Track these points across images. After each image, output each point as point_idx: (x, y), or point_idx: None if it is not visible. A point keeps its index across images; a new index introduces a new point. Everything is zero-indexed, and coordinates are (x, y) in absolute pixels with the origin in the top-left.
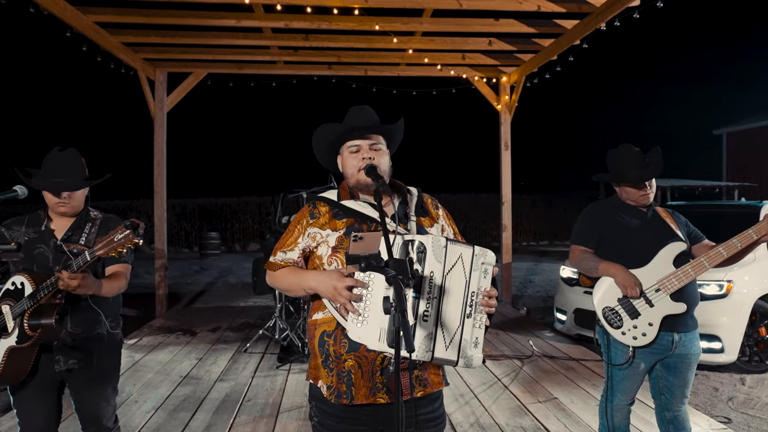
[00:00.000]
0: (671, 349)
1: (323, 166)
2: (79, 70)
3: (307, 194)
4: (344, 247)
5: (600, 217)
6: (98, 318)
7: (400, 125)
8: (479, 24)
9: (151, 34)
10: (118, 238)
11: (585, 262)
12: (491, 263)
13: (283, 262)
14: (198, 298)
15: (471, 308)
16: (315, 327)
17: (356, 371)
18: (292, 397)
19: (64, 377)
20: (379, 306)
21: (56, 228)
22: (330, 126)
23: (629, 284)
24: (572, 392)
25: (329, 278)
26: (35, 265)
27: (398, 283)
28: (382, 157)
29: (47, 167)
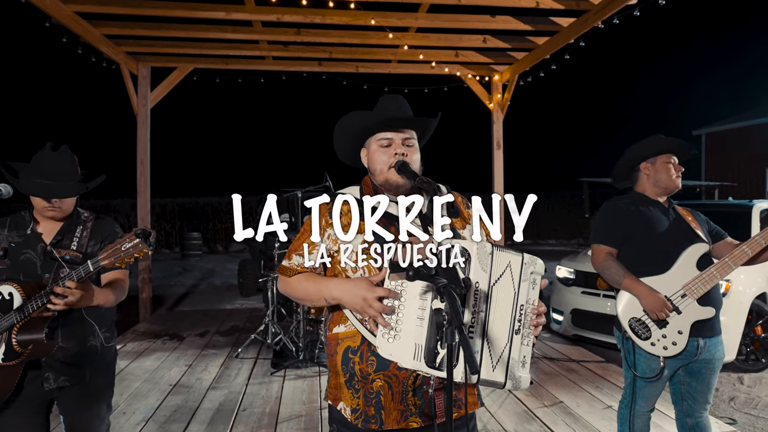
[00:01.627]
0: (696, 355)
1: (340, 158)
2: (58, 62)
3: (302, 193)
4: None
5: (625, 214)
6: (92, 329)
7: (436, 121)
8: (475, 20)
9: (135, 26)
10: (126, 247)
11: (609, 272)
12: (540, 273)
13: (299, 267)
14: (182, 301)
15: (520, 323)
16: (337, 342)
17: (386, 392)
18: (290, 405)
19: (53, 395)
20: (413, 319)
21: (44, 231)
22: (363, 114)
23: (656, 308)
24: (577, 395)
25: (357, 287)
26: (21, 273)
27: (451, 293)
28: (414, 154)
29: (37, 167)
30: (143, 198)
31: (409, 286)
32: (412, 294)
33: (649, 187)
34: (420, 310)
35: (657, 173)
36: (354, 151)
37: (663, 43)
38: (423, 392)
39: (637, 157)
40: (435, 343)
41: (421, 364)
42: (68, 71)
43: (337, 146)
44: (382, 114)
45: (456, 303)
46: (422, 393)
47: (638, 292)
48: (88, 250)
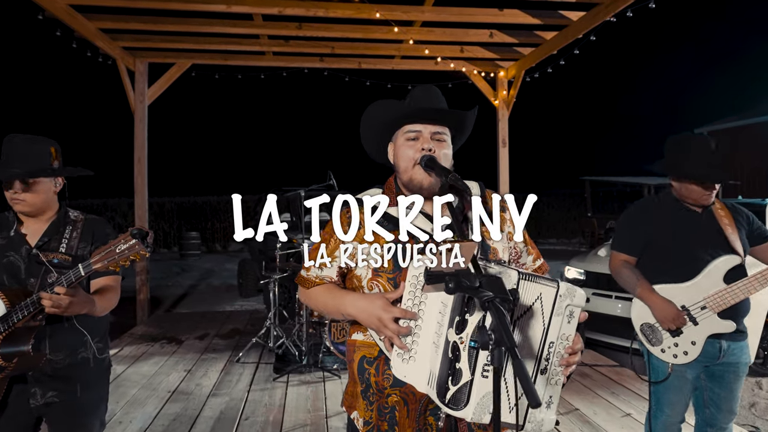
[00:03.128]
0: (718, 358)
1: (369, 155)
2: (52, 57)
3: (305, 192)
4: (386, 270)
5: (647, 220)
6: (83, 339)
7: (472, 116)
8: (482, 14)
9: (132, 20)
10: (121, 248)
11: (623, 279)
12: (579, 306)
13: (318, 279)
14: (181, 302)
15: (547, 362)
16: (354, 349)
17: (401, 408)
18: (295, 413)
19: (41, 412)
20: (429, 343)
21: (28, 233)
22: (389, 103)
23: (668, 320)
24: (593, 402)
25: (372, 306)
26: (5, 276)
27: (499, 308)
28: (444, 150)
29: (3, 155)
30: (141, 197)
31: (427, 307)
32: (430, 316)
33: (679, 194)
34: (435, 335)
35: (682, 189)
36: (381, 146)
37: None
38: (439, 413)
39: (665, 167)
40: (446, 377)
41: (434, 393)
42: (63, 67)
43: (364, 140)
44: (410, 105)
45: (505, 320)
46: (439, 415)
47: (651, 303)
48: (78, 252)
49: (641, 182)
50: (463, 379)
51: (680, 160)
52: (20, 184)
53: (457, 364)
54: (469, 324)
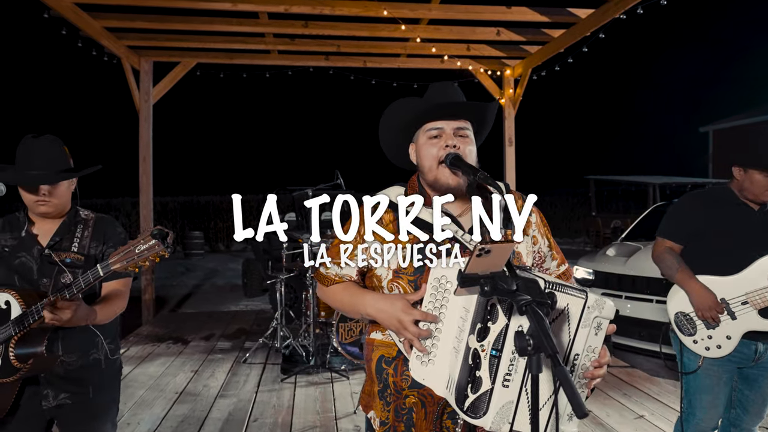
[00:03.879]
0: (754, 360)
1: (389, 158)
2: (58, 56)
3: (312, 192)
4: (408, 272)
5: (697, 211)
6: (95, 340)
7: (494, 108)
8: (489, 11)
9: (137, 18)
10: (141, 249)
11: (664, 265)
12: (608, 317)
13: (337, 277)
14: (185, 302)
15: (571, 374)
16: (372, 348)
17: (419, 410)
18: (303, 415)
19: (52, 414)
20: (449, 347)
21: (39, 233)
22: (406, 101)
23: (704, 308)
24: (605, 404)
25: (393, 308)
26: (17, 278)
27: (537, 312)
28: (468, 146)
29: (20, 159)
30: (146, 197)
31: (448, 311)
32: (451, 320)
33: (738, 188)
34: (456, 340)
35: (745, 182)
36: (402, 148)
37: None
38: (457, 418)
39: (735, 157)
40: (466, 383)
41: (452, 398)
42: (68, 66)
43: (384, 142)
44: (427, 102)
45: (544, 324)
46: (457, 419)
47: (689, 288)
48: (91, 252)
49: (646, 181)
50: (483, 388)
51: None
52: (47, 186)
53: (477, 372)
54: (491, 332)
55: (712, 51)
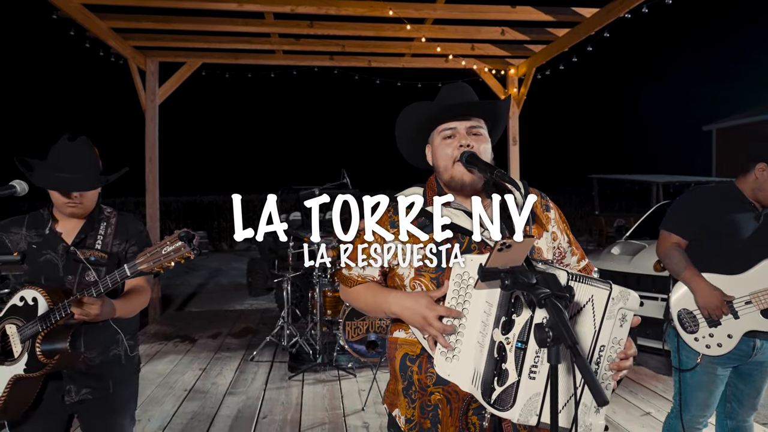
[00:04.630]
0: (751, 356)
1: (408, 160)
2: (65, 56)
3: (319, 191)
4: (429, 270)
5: (708, 206)
6: (116, 337)
7: (506, 104)
8: (494, 11)
9: (143, 19)
10: (167, 250)
11: (671, 261)
12: (633, 309)
13: (359, 277)
14: (191, 301)
15: (597, 365)
16: (396, 347)
17: (444, 407)
18: (312, 412)
19: (74, 409)
20: (474, 342)
21: (63, 230)
22: (418, 105)
23: (711, 307)
24: (613, 401)
25: (417, 305)
26: (42, 276)
27: (556, 305)
28: (483, 144)
29: (54, 160)
30: (152, 196)
31: (472, 306)
32: (475, 314)
33: (750, 188)
34: (480, 334)
35: (764, 183)
36: (419, 150)
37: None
38: (483, 412)
39: (765, 153)
40: (492, 377)
41: (478, 393)
42: (76, 66)
43: (401, 146)
44: (439, 104)
45: (563, 316)
46: (483, 414)
47: (695, 286)
48: (113, 249)
49: (649, 180)
50: (509, 380)
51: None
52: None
53: (503, 365)
54: (516, 324)
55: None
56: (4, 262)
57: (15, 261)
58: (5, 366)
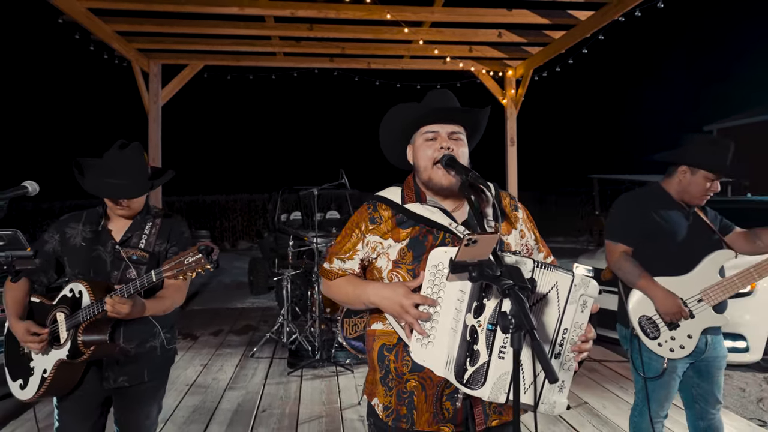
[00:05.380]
0: (704, 352)
1: (388, 158)
2: (71, 59)
3: (318, 191)
4: (406, 262)
5: (638, 211)
6: (154, 330)
7: (486, 113)
8: (491, 14)
9: (147, 22)
10: (189, 261)
11: (624, 272)
12: (592, 296)
13: (341, 270)
14: (193, 299)
15: (561, 347)
16: (374, 338)
17: (419, 393)
18: (310, 406)
19: (110, 394)
20: (447, 328)
21: (114, 228)
22: (406, 106)
23: (672, 312)
24: (602, 396)
25: (394, 294)
26: (92, 269)
27: (518, 295)
28: (461, 149)
29: (106, 166)
30: (155, 196)
31: (446, 294)
32: (449, 302)
33: (675, 190)
34: (454, 321)
35: (690, 185)
36: (400, 149)
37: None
38: (456, 398)
39: (685, 157)
40: (464, 358)
41: (451, 376)
42: (81, 68)
43: (384, 144)
44: (426, 106)
45: (524, 305)
46: (455, 398)
47: (653, 294)
48: (155, 249)
49: (649, 180)
50: (480, 360)
51: (710, 153)
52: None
53: (475, 346)
54: (486, 308)
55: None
56: (19, 257)
57: (28, 256)
58: (53, 350)
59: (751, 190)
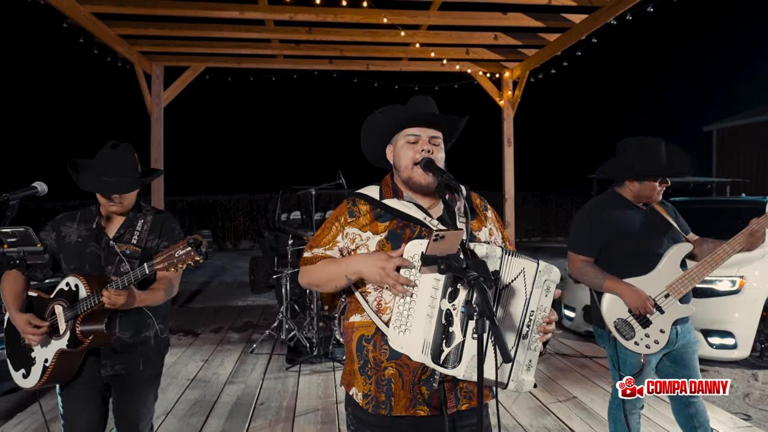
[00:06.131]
0: (675, 342)
1: (366, 155)
2: (75, 62)
3: (315, 191)
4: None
5: (601, 222)
6: (148, 321)
7: (464, 122)
8: (486, 17)
9: (149, 26)
10: (179, 254)
11: (588, 277)
12: (555, 281)
13: (323, 255)
14: (195, 298)
15: (528, 328)
16: (352, 330)
17: (397, 380)
18: (306, 399)
19: (108, 381)
20: (423, 315)
21: (107, 226)
22: (392, 108)
23: (640, 305)
24: (591, 391)
25: (376, 259)
26: (87, 264)
27: (482, 286)
28: (439, 153)
29: (98, 165)
30: (157, 196)
31: (421, 283)
32: (424, 291)
33: (631, 194)
34: (429, 308)
35: (642, 190)
36: (379, 148)
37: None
38: (431, 383)
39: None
40: (441, 340)
41: (428, 359)
42: (85, 71)
43: (364, 141)
44: (412, 110)
45: (486, 295)
46: (431, 384)
47: (621, 291)
48: (147, 244)
49: None
50: (455, 341)
51: (643, 160)
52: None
53: (450, 328)
54: (460, 293)
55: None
56: (30, 252)
57: (39, 252)
58: (53, 340)
59: (749, 190)
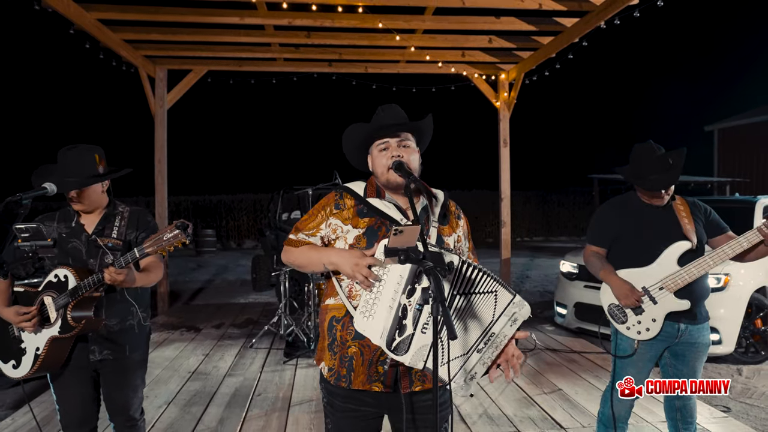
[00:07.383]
0: (677, 338)
1: (354, 166)
2: (81, 67)
3: (312, 191)
4: (361, 246)
5: (612, 218)
6: (131, 309)
7: (428, 122)
8: (480, 22)
9: (153, 31)
10: (167, 237)
11: (591, 266)
12: (523, 317)
13: (306, 241)
14: (198, 295)
15: (485, 345)
16: (326, 311)
17: (358, 358)
18: (302, 391)
19: (97, 367)
20: (386, 306)
21: (86, 223)
22: (358, 126)
23: (623, 297)
24: (576, 383)
25: (352, 255)
26: (70, 258)
27: (437, 274)
28: (411, 155)
29: (58, 167)
30: (161, 196)
31: (388, 277)
32: (390, 284)
33: (642, 195)
34: (392, 300)
35: (644, 192)
36: (362, 159)
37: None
38: (385, 365)
39: (622, 173)
40: (395, 330)
41: (384, 343)
42: (91, 75)
43: (348, 155)
44: (375, 123)
45: (440, 282)
46: (386, 364)
47: (610, 282)
48: (127, 237)
49: None
50: (406, 333)
51: (636, 169)
52: (75, 191)
53: (404, 321)
54: (417, 291)
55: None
56: (42, 246)
57: (49, 246)
58: (44, 329)
59: (750, 189)
